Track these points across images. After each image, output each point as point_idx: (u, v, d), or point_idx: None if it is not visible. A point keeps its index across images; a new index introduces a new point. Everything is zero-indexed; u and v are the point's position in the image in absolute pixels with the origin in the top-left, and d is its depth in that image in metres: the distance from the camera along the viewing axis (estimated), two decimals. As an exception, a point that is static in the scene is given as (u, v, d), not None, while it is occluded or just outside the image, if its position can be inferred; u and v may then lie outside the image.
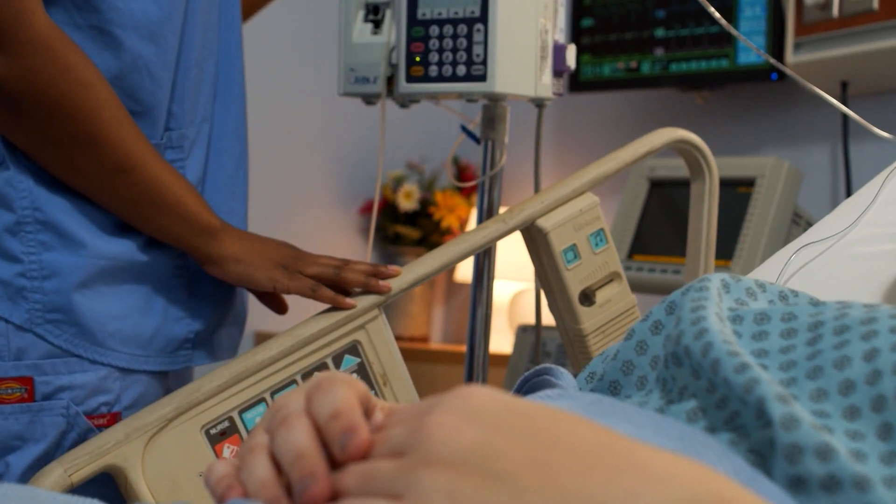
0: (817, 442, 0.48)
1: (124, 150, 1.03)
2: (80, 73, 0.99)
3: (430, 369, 2.59)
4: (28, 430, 1.04)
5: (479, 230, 1.13)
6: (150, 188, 1.05)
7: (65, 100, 0.99)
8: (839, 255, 0.95)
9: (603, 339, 1.17)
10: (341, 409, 0.45)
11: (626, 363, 0.65)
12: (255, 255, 1.11)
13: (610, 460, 0.39)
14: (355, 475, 0.43)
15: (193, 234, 1.09)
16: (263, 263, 1.11)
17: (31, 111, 0.99)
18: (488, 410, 0.41)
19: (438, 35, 1.17)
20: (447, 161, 2.71)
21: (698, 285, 0.63)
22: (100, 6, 1.03)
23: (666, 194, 2.01)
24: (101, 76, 1.02)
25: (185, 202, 1.08)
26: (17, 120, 1.00)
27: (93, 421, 1.06)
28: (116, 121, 1.02)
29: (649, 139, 1.20)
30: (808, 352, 0.57)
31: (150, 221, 1.08)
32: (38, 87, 0.98)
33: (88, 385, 1.06)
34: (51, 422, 1.04)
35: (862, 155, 2.08)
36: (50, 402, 1.04)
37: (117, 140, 1.02)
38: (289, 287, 1.10)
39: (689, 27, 2.26)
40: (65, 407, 1.05)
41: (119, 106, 1.03)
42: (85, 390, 1.06)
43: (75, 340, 1.06)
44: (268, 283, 1.11)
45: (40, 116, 1.00)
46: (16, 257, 1.04)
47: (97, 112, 1.01)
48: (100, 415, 1.07)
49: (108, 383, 1.07)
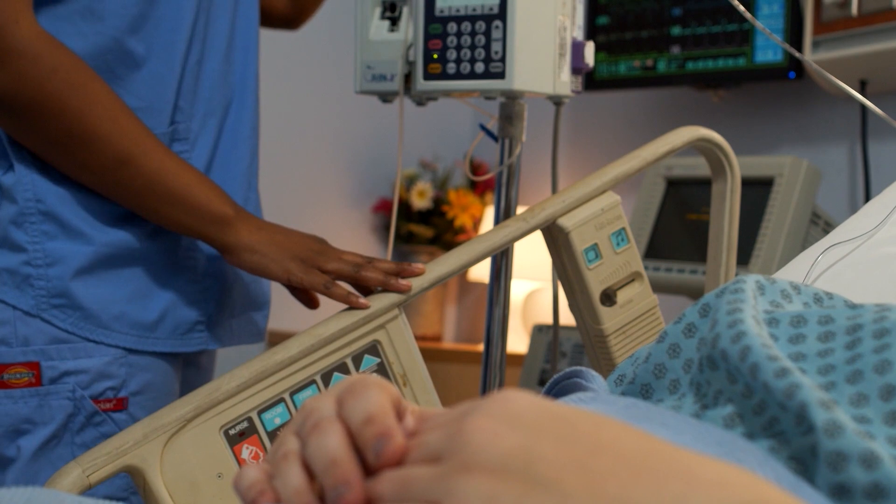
0: (862, 449, 0.46)
1: (121, 144, 1.06)
2: (67, 75, 1.03)
3: (442, 368, 2.58)
4: (37, 413, 1.09)
5: (499, 229, 1.12)
6: (154, 179, 1.08)
7: (53, 101, 1.03)
8: (867, 256, 0.93)
9: (624, 339, 1.16)
10: (375, 413, 0.44)
11: (657, 366, 0.64)
12: (273, 246, 1.11)
13: (656, 466, 0.38)
14: (391, 482, 0.42)
15: (204, 223, 1.10)
16: (280, 255, 1.10)
17: (26, 115, 1.04)
18: (529, 415, 0.40)
19: (456, 32, 1.16)
20: (465, 159, 2.70)
21: (733, 287, 0.62)
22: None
23: (683, 193, 2.00)
24: (92, 75, 1.06)
25: (193, 192, 1.09)
26: (17, 123, 1.05)
27: (99, 405, 1.11)
28: (110, 115, 1.06)
29: (671, 138, 1.19)
30: (847, 356, 0.56)
31: (159, 212, 1.10)
32: (26, 91, 1.02)
33: (93, 370, 1.10)
34: (58, 405, 1.09)
35: (881, 154, 2.06)
36: (56, 386, 1.09)
37: (112, 134, 1.06)
38: (303, 281, 1.09)
39: (706, 25, 2.25)
40: (70, 391, 1.10)
41: (113, 101, 1.07)
42: (89, 375, 1.10)
43: (80, 323, 1.10)
44: (282, 275, 1.10)
45: (34, 119, 1.04)
46: (21, 247, 1.09)
47: (88, 108, 1.04)
48: (106, 399, 1.11)
49: (112, 368, 1.12)
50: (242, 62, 1.24)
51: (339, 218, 3.07)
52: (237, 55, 1.23)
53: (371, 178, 3.16)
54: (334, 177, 3.11)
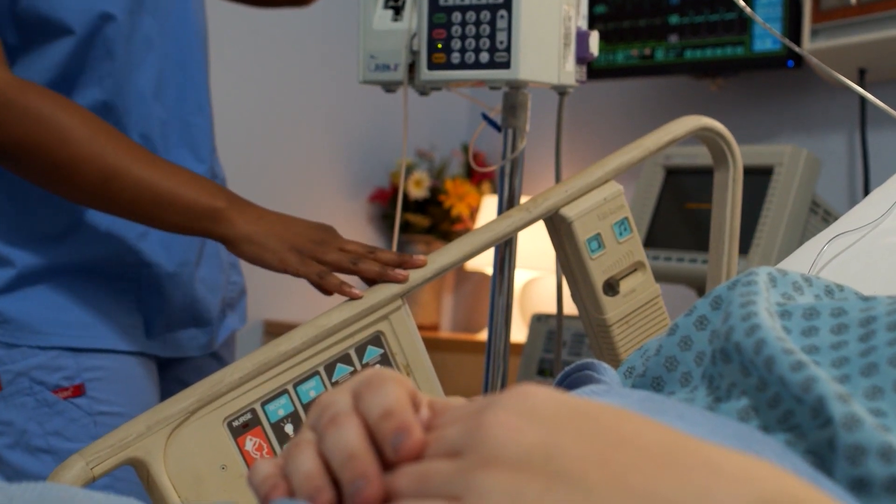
0: (880, 442, 0.46)
1: (103, 162, 1.11)
2: (37, 111, 1.10)
3: (440, 358, 2.57)
4: (5, 413, 1.21)
5: (502, 219, 1.11)
6: (141, 188, 1.12)
7: (29, 139, 1.10)
8: (872, 246, 0.93)
9: (627, 329, 1.16)
10: (393, 407, 0.44)
11: (669, 359, 0.63)
12: (271, 236, 1.11)
13: (679, 459, 0.38)
14: (410, 476, 0.41)
15: (198, 220, 1.12)
16: (277, 246, 1.10)
17: (9, 156, 1.12)
18: (549, 409, 0.40)
19: (461, 21, 1.15)
20: (467, 150, 2.69)
21: (746, 279, 0.62)
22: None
23: (682, 182, 2.00)
24: (64, 104, 1.12)
25: (180, 192, 1.12)
26: (7, 164, 1.14)
27: (58, 394, 1.21)
28: (87, 138, 1.11)
29: (673, 127, 1.19)
30: (861, 348, 0.56)
31: (154, 218, 1.14)
32: (2, 136, 1.10)
33: (42, 365, 1.21)
34: (21, 402, 1.21)
35: (880, 143, 2.06)
36: (14, 387, 1.21)
37: (93, 155, 1.11)
38: (298, 271, 1.10)
39: (704, 14, 2.24)
40: (28, 387, 1.20)
41: (87, 123, 1.12)
42: (41, 370, 1.21)
43: (17, 334, 1.21)
44: (279, 265, 1.10)
45: (18, 157, 1.12)
46: None
47: (64, 137, 1.10)
48: (62, 388, 1.21)
49: (60, 361, 1.22)
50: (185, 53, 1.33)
51: (336, 208, 3.07)
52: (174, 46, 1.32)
53: (368, 167, 3.15)
54: (331, 166, 3.10)
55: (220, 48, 2.06)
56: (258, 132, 2.94)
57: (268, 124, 2.97)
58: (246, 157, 2.82)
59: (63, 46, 1.20)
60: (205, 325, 1.38)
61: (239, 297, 1.49)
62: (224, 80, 2.68)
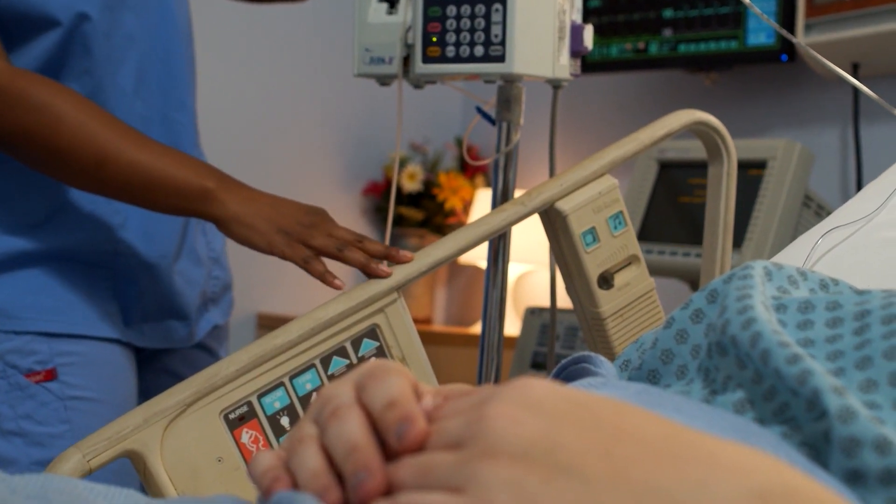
0: (875, 435, 0.47)
1: (94, 147, 1.12)
2: (30, 99, 1.11)
3: (433, 351, 2.58)
4: None
5: (497, 213, 1.12)
6: (133, 171, 1.13)
7: (24, 127, 1.12)
8: (866, 240, 0.93)
9: (621, 322, 1.16)
10: (397, 398, 0.44)
11: (665, 352, 0.64)
12: (259, 218, 1.11)
13: (679, 451, 0.38)
14: (412, 468, 0.42)
15: (189, 201, 1.13)
16: (265, 227, 1.11)
17: (6, 143, 1.14)
18: (549, 401, 0.40)
19: (456, 15, 1.16)
20: (461, 144, 2.68)
21: (742, 273, 0.62)
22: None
23: (675, 176, 2.00)
24: (57, 90, 1.13)
25: (171, 173, 1.13)
26: (5, 150, 1.16)
27: (30, 378, 1.22)
28: (78, 124, 1.12)
29: (668, 121, 1.19)
30: (856, 341, 0.56)
31: (148, 200, 1.15)
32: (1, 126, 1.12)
33: (15, 350, 1.22)
34: None
35: (873, 137, 2.07)
36: None
37: (84, 141, 1.12)
38: (284, 254, 1.10)
39: (698, 8, 2.25)
40: (1, 371, 1.21)
41: (81, 108, 1.13)
42: (14, 354, 1.22)
43: None
44: (266, 247, 1.11)
45: (16, 145, 1.14)
46: None
47: (58, 124, 1.12)
48: (34, 372, 1.23)
49: (33, 345, 1.23)
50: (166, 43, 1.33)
51: (330, 201, 3.07)
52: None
53: (361, 160, 3.15)
54: (325, 159, 3.10)
55: (214, 42, 2.07)
56: (253, 125, 2.94)
57: (262, 117, 2.97)
58: (240, 150, 2.81)
59: (45, 42, 1.21)
60: (184, 319, 1.39)
61: (222, 293, 1.49)
62: (218, 74, 2.68)
